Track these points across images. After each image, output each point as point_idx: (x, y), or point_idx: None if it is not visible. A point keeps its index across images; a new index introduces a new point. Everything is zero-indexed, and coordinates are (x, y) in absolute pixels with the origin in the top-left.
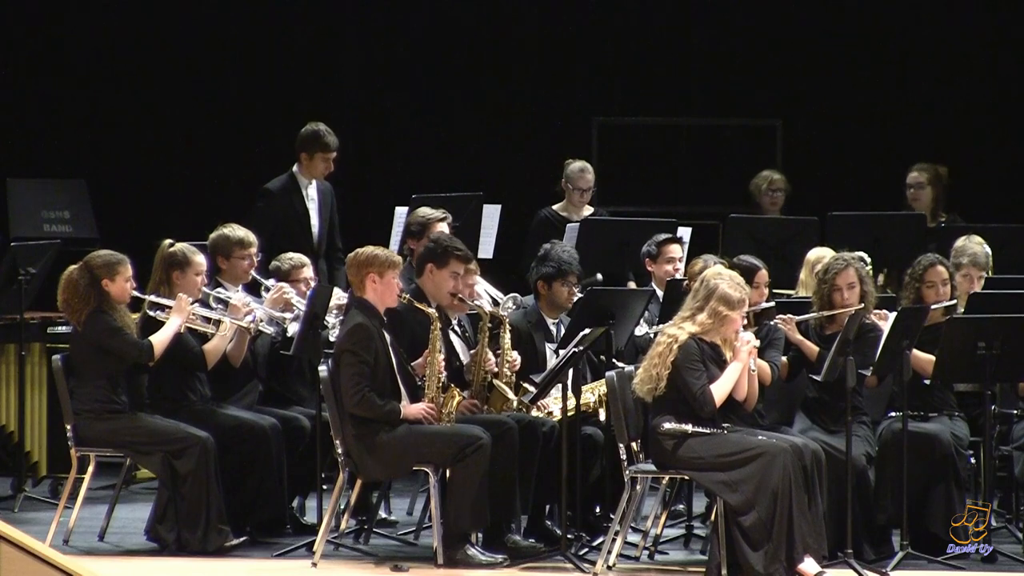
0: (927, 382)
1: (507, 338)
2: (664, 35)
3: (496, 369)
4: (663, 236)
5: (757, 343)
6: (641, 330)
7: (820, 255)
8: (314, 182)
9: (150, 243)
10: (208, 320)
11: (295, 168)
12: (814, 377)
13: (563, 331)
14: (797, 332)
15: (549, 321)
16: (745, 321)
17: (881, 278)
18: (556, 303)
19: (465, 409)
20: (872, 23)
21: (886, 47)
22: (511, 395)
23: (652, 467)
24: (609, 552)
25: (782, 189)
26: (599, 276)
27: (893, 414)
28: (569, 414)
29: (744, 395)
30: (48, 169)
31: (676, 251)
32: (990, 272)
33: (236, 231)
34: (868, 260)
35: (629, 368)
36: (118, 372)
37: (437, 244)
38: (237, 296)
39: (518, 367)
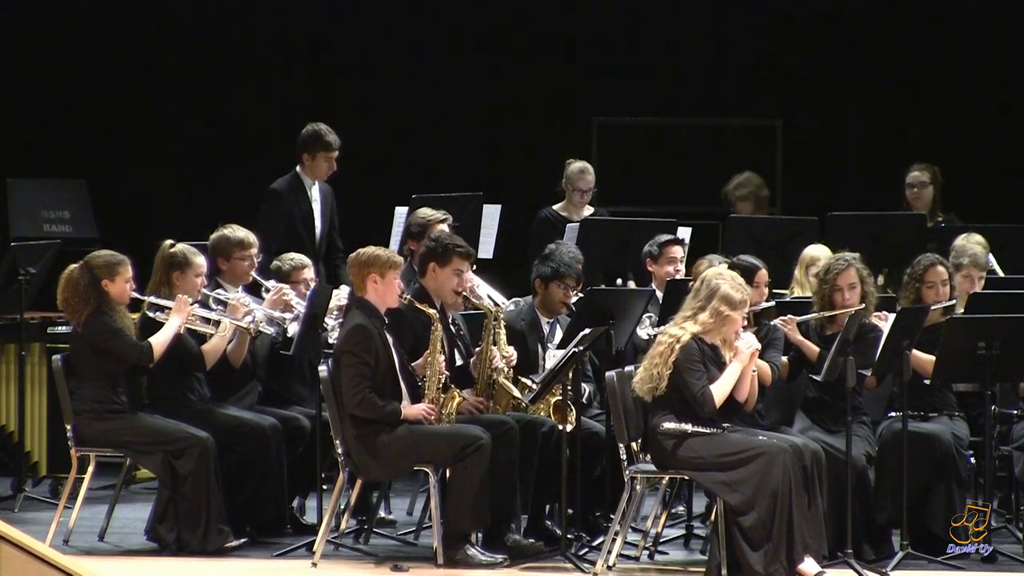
0: (927, 382)
1: (503, 334)
2: (664, 35)
3: (500, 366)
4: (665, 237)
5: (759, 346)
6: (647, 333)
7: (815, 254)
8: (316, 183)
9: (150, 243)
10: (208, 321)
11: (298, 169)
12: (814, 377)
13: (557, 331)
14: (797, 332)
15: (544, 321)
16: (745, 321)
17: (881, 278)
18: (550, 304)
19: (473, 407)
20: (872, 23)
21: (886, 47)
22: (516, 392)
23: (652, 467)
24: (609, 552)
25: (747, 197)
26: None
27: (893, 414)
28: (570, 427)
29: (745, 396)
30: (48, 169)
31: (678, 252)
32: (1000, 271)
33: (237, 232)
34: None
35: (629, 368)
36: (118, 372)
37: (438, 243)
38: (236, 297)
39: (514, 362)
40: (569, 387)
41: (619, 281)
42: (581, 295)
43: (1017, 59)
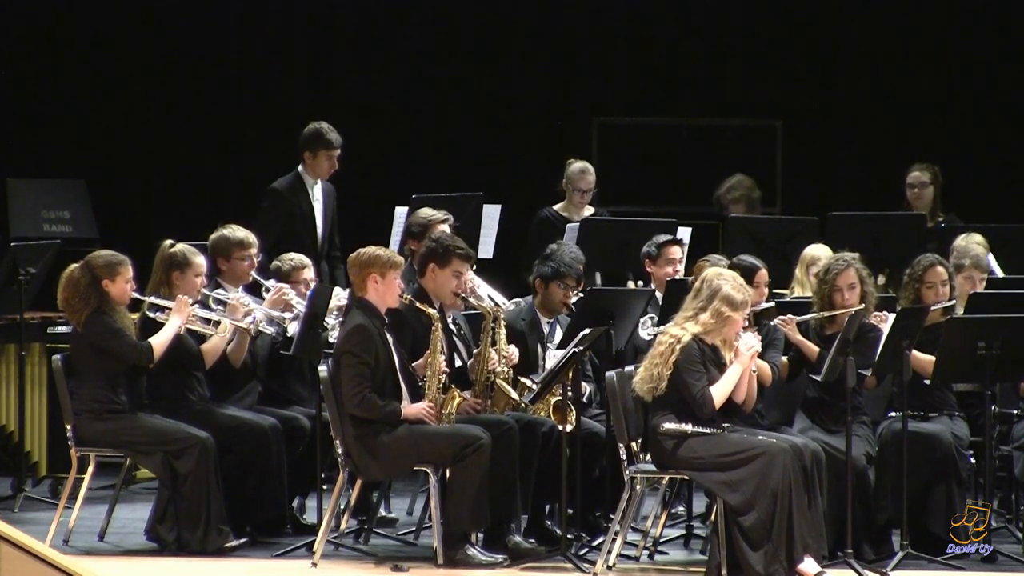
0: (927, 382)
1: (503, 333)
2: (664, 35)
3: (497, 368)
4: (664, 237)
5: (759, 347)
6: (648, 333)
7: (816, 253)
8: (319, 182)
9: (150, 243)
10: (208, 321)
11: (300, 168)
12: (814, 377)
13: (558, 331)
14: (797, 332)
15: (544, 321)
16: (745, 321)
17: (881, 278)
18: (550, 304)
19: (470, 408)
20: (872, 23)
21: (885, 47)
22: (514, 394)
23: (652, 467)
24: (609, 552)
25: (740, 200)
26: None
27: (893, 414)
28: (570, 428)
29: (742, 398)
30: (48, 169)
31: (676, 252)
32: (1000, 271)
33: (236, 232)
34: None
35: (629, 368)
36: (118, 372)
37: (439, 244)
38: (236, 297)
39: (515, 361)
40: (569, 387)
41: (630, 284)
42: (581, 295)
43: (1017, 59)
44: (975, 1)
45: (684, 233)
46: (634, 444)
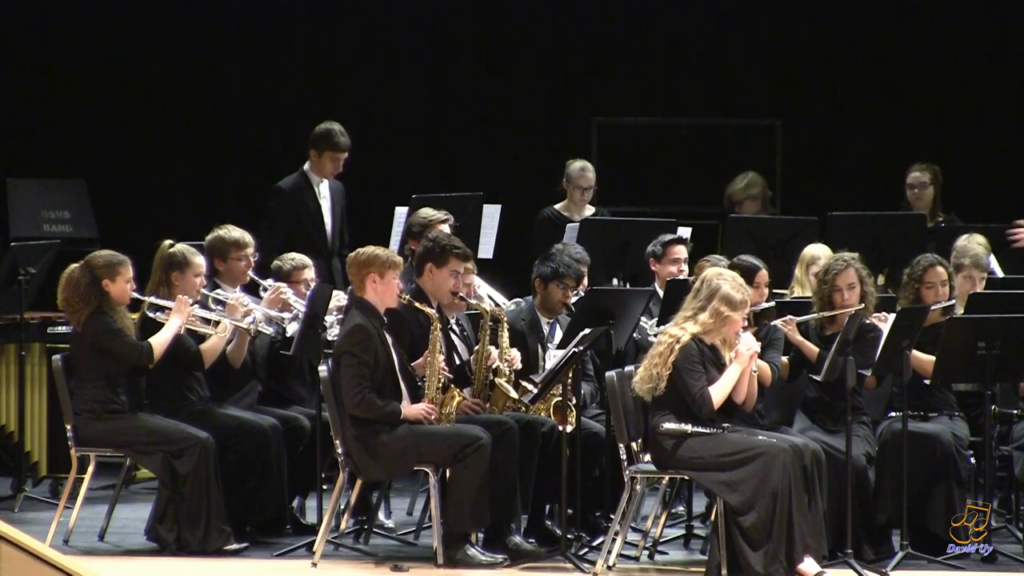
0: (927, 382)
1: (505, 336)
2: (664, 35)
3: (497, 366)
4: (669, 237)
5: (759, 348)
6: (652, 331)
7: (816, 253)
8: (325, 180)
9: (150, 243)
10: (207, 321)
11: (306, 166)
12: (814, 377)
13: (557, 331)
14: (797, 333)
15: (544, 321)
16: (745, 322)
17: (881, 278)
18: (549, 304)
19: (468, 408)
20: (872, 24)
21: (886, 47)
22: (513, 392)
23: (652, 467)
24: (609, 552)
25: (757, 197)
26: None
27: (893, 414)
28: (570, 428)
29: (743, 398)
30: (48, 169)
31: (681, 252)
32: (1000, 271)
33: (232, 232)
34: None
35: (629, 368)
36: (118, 372)
37: (436, 243)
38: (235, 297)
39: (517, 365)
40: (570, 387)
41: (615, 281)
42: (581, 295)
43: (1017, 59)
44: (975, 2)
45: (684, 233)
46: (634, 444)
